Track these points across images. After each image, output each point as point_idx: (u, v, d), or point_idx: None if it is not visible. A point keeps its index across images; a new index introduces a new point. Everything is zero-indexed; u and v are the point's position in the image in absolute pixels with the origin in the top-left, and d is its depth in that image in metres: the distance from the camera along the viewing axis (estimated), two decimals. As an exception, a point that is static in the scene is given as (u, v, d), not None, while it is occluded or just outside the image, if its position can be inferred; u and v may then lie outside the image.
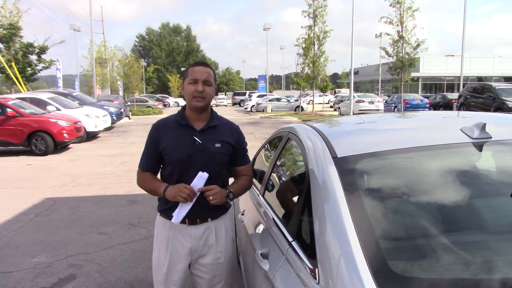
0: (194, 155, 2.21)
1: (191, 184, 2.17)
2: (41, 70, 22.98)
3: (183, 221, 2.22)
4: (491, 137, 1.80)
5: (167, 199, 2.21)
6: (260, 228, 2.38)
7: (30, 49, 21.87)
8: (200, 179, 2.17)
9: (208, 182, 2.19)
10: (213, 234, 2.31)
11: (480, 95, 19.13)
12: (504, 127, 2.20)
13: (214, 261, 2.33)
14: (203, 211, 2.24)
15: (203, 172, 2.18)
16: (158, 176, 2.38)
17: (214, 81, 2.27)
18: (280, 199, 2.47)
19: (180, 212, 2.18)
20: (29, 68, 22.24)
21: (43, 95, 15.58)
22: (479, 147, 1.81)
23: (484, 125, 1.82)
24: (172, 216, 2.19)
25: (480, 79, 42.22)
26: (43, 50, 22.15)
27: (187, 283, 2.39)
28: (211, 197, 2.15)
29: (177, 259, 2.29)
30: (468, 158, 1.88)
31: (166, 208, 2.27)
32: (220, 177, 2.31)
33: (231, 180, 2.46)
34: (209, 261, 2.32)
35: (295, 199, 2.06)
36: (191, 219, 2.24)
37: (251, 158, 3.75)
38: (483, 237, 1.53)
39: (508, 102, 17.10)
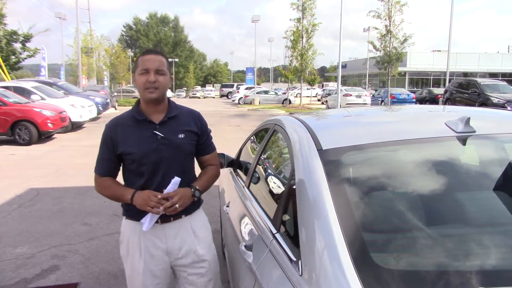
0: (159, 151, 2.06)
1: (165, 191, 2.03)
2: (25, 58, 22.67)
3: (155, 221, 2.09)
4: (475, 131, 1.81)
5: None
6: (245, 220, 2.37)
7: (14, 37, 21.53)
8: (174, 185, 2.04)
9: (181, 180, 2.06)
10: (190, 231, 2.18)
11: (466, 91, 19.41)
12: (488, 121, 2.22)
13: (199, 259, 2.18)
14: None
15: (175, 176, 2.04)
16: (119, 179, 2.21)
17: (168, 70, 2.10)
18: (265, 191, 2.47)
19: (152, 219, 2.04)
20: (13, 56, 21.91)
21: (27, 84, 15.30)
22: (463, 141, 1.82)
23: (469, 119, 1.83)
24: (143, 223, 2.05)
25: (465, 74, 42.67)
26: (27, 38, 21.82)
27: None
28: (177, 205, 2.00)
29: (153, 263, 2.13)
30: (452, 151, 1.89)
31: (134, 211, 2.08)
32: (190, 171, 2.20)
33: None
34: (193, 259, 2.17)
35: (280, 191, 2.06)
36: (163, 217, 2.08)
37: (237, 150, 3.76)
38: (465, 230, 1.54)
39: (492, 98, 17.39)
